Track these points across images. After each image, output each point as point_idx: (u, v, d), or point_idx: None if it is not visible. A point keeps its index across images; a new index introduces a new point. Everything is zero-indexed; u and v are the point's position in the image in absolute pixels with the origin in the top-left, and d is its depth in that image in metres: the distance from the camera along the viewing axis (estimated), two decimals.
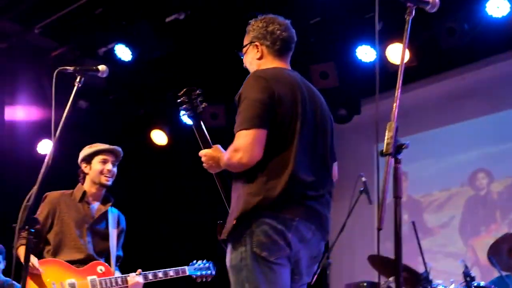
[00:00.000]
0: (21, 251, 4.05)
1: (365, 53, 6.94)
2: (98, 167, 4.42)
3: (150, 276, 4.35)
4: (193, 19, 6.84)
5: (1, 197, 7.65)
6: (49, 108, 7.64)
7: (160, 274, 4.37)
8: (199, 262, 4.55)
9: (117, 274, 4.37)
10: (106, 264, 4.35)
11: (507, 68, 7.27)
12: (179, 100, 3.37)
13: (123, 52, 7.32)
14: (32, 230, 2.98)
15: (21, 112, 8.58)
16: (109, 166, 4.43)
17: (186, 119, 3.45)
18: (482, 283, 5.02)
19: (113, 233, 4.44)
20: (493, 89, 7.38)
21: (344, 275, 7.37)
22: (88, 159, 4.46)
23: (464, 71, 7.57)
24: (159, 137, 8.59)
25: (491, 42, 6.81)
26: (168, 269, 4.42)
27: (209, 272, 4.52)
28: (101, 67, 3.50)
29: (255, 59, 3.34)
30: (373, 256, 5.81)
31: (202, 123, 3.37)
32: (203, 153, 3.25)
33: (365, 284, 6.51)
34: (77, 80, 3.40)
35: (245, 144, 2.93)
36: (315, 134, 3.17)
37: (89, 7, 6.87)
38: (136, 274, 4.32)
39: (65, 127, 3.22)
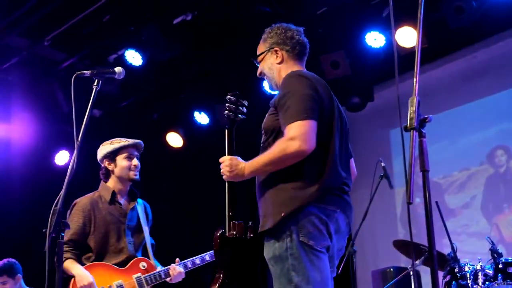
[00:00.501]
0: (69, 264, 4.13)
1: (374, 39, 6.93)
2: (124, 163, 4.41)
3: (189, 264, 4.38)
4: (201, 19, 6.88)
5: (25, 206, 7.77)
6: (62, 119, 7.81)
7: (197, 261, 4.40)
8: None
9: (158, 267, 4.39)
10: (146, 259, 4.37)
11: None
12: (228, 97, 3.52)
13: (133, 57, 7.36)
14: (62, 234, 3.04)
15: (35, 125, 8.68)
16: (135, 161, 4.43)
17: (223, 118, 3.54)
18: (510, 259, 5.04)
19: (145, 224, 4.47)
20: (505, 65, 7.36)
21: (369, 262, 7.41)
22: (112, 156, 4.43)
23: (475, 50, 7.56)
24: (174, 139, 8.65)
25: (500, 18, 6.80)
26: (204, 254, 4.42)
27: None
28: (118, 69, 3.54)
29: (275, 64, 3.53)
30: (398, 240, 5.86)
31: (234, 130, 3.51)
32: (227, 158, 3.32)
33: (391, 269, 6.57)
34: (95, 83, 3.45)
35: (302, 133, 3.05)
36: (341, 132, 3.35)
37: (96, 15, 6.92)
38: (176, 265, 4.35)
39: (85, 135, 3.27)
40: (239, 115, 3.52)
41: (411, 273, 5.41)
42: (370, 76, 7.71)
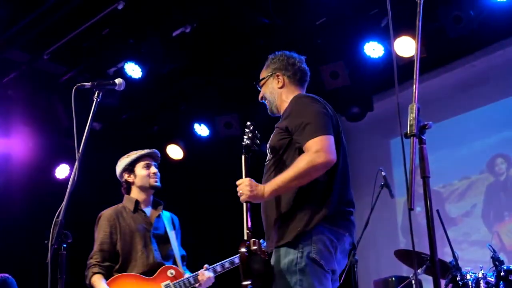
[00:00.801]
0: (95, 280, 4.14)
1: (373, 49, 6.96)
2: (143, 172, 4.45)
3: (219, 268, 4.36)
4: (200, 31, 6.90)
5: (26, 219, 7.78)
6: (62, 133, 7.82)
7: (227, 264, 4.37)
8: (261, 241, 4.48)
9: (187, 274, 4.37)
10: (175, 266, 4.35)
11: None
12: (247, 125, 3.65)
13: (133, 70, 7.36)
14: (64, 245, 3.06)
15: (35, 139, 8.70)
16: (153, 169, 4.48)
17: (244, 147, 3.65)
18: None
19: (172, 234, 4.46)
20: (504, 73, 7.40)
21: (371, 271, 7.41)
22: (130, 167, 4.48)
23: (474, 58, 7.60)
24: (175, 152, 8.67)
25: (498, 26, 6.83)
26: (233, 257, 4.36)
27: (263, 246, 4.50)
28: (118, 80, 3.56)
29: (276, 88, 3.70)
30: (400, 250, 5.87)
31: (249, 157, 3.57)
32: (246, 180, 3.34)
33: (393, 279, 6.57)
34: (95, 95, 3.47)
35: (327, 146, 3.21)
36: (345, 151, 3.50)
37: (95, 28, 6.94)
38: (205, 270, 4.32)
39: (85, 147, 3.30)
40: (255, 145, 3.58)
41: (413, 282, 5.42)
42: (370, 86, 7.75)
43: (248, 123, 3.63)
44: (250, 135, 3.56)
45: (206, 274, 4.30)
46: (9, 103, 8.16)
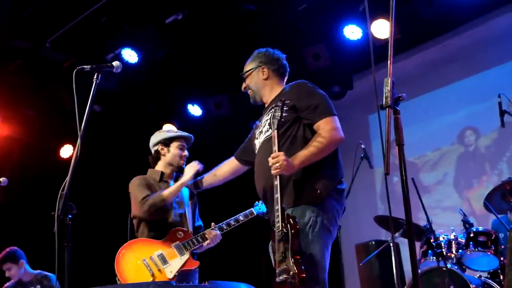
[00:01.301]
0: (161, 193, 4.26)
1: (352, 32, 6.97)
2: (177, 151, 4.44)
3: (225, 226, 4.32)
4: (191, 18, 6.87)
5: (35, 195, 7.79)
6: (66, 116, 7.80)
7: (232, 222, 4.34)
8: (261, 201, 4.36)
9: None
10: (183, 228, 4.30)
11: (483, 32, 7.30)
12: (279, 103, 3.61)
13: (129, 55, 7.36)
14: (70, 216, 3.08)
15: (40, 122, 8.68)
16: (186, 152, 4.48)
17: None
18: (480, 228, 5.13)
19: (188, 204, 4.44)
20: (472, 52, 7.41)
21: (353, 236, 7.47)
22: (168, 142, 4.46)
23: (445, 39, 7.60)
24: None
25: (466, 9, 6.84)
26: (238, 215, 4.36)
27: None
28: (115, 63, 3.54)
29: (261, 79, 3.88)
30: (378, 216, 5.93)
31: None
32: (281, 153, 3.36)
33: (373, 242, 6.63)
34: (95, 77, 3.46)
35: (339, 126, 3.50)
36: None
37: (93, 17, 6.91)
38: (212, 229, 4.29)
39: (86, 125, 3.30)
40: (282, 119, 3.57)
41: (391, 245, 5.48)
42: (349, 66, 7.76)
43: (280, 101, 3.59)
44: (279, 111, 3.55)
45: (213, 232, 4.27)
46: (15, 89, 8.12)
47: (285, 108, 3.54)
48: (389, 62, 2.41)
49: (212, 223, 4.35)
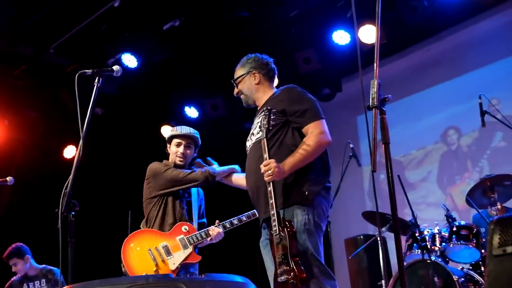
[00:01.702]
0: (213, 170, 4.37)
1: (341, 37, 6.99)
2: (173, 149, 4.47)
3: (228, 225, 4.32)
4: (188, 24, 6.87)
5: (40, 194, 7.77)
6: (68, 118, 7.79)
7: (235, 221, 4.33)
8: None
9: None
10: (189, 223, 4.33)
11: (464, 37, 7.33)
12: (266, 110, 3.61)
13: (129, 60, 7.35)
14: (73, 213, 3.08)
15: (44, 124, 8.65)
16: (181, 149, 4.44)
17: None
18: (463, 222, 5.14)
19: (195, 201, 4.45)
20: (455, 56, 7.43)
21: (342, 231, 7.48)
22: (169, 140, 4.51)
23: (429, 43, 7.62)
24: (167, 131, 8.62)
25: (449, 15, 6.87)
26: (241, 215, 4.35)
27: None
28: (115, 67, 3.54)
29: (253, 84, 3.85)
30: (366, 212, 5.93)
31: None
32: (272, 160, 3.36)
33: (361, 237, 6.65)
34: (96, 80, 3.45)
35: (326, 129, 3.49)
36: None
37: (95, 24, 6.91)
38: (216, 226, 4.30)
39: (88, 126, 3.31)
40: (270, 127, 3.56)
41: (378, 239, 5.49)
42: (338, 69, 7.77)
43: (267, 110, 3.58)
44: (266, 119, 3.54)
45: (216, 229, 4.28)
46: (20, 93, 8.10)
47: (272, 116, 3.54)
48: (375, 65, 2.42)
49: (217, 221, 4.36)
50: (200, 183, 4.33)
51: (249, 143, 3.79)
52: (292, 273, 3.16)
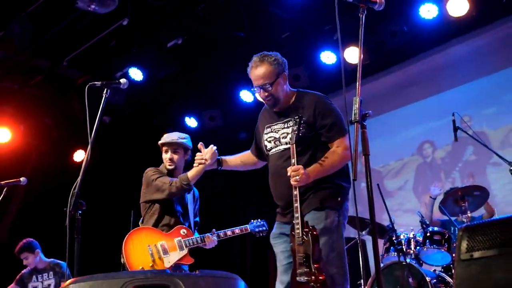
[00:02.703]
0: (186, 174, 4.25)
1: (328, 57, 7.01)
2: (164, 155, 4.44)
3: (221, 234, 4.30)
4: (190, 42, 6.88)
5: (51, 192, 7.73)
6: (79, 125, 7.78)
7: (228, 232, 4.32)
8: (256, 220, 4.42)
9: (196, 235, 4.35)
10: (187, 227, 4.32)
11: (440, 59, 7.33)
12: (297, 118, 3.36)
13: (135, 74, 7.36)
14: (80, 212, 3.06)
15: (56, 130, 8.63)
16: (168, 155, 4.40)
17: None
18: (436, 228, 5.14)
19: (190, 202, 4.44)
20: (432, 76, 7.43)
21: None
22: (161, 147, 4.47)
23: (408, 64, 7.61)
24: None
25: (426, 39, 6.90)
26: (234, 227, 4.35)
27: (264, 228, 4.41)
28: (122, 80, 3.53)
29: (283, 85, 3.49)
30: (348, 216, 5.90)
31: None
32: (300, 167, 3.24)
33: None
34: (104, 92, 3.45)
35: (349, 144, 3.28)
36: None
37: (105, 41, 6.93)
38: (211, 234, 4.28)
39: (96, 133, 3.31)
40: (300, 134, 3.34)
41: (358, 241, 5.47)
42: (325, 86, 7.69)
43: (297, 116, 3.32)
44: (296, 126, 3.30)
45: (211, 237, 4.28)
46: (36, 101, 8.08)
47: (302, 125, 3.29)
48: (358, 83, 2.42)
49: (213, 229, 4.34)
50: (179, 193, 4.26)
51: (271, 145, 3.54)
52: (313, 277, 3.10)
